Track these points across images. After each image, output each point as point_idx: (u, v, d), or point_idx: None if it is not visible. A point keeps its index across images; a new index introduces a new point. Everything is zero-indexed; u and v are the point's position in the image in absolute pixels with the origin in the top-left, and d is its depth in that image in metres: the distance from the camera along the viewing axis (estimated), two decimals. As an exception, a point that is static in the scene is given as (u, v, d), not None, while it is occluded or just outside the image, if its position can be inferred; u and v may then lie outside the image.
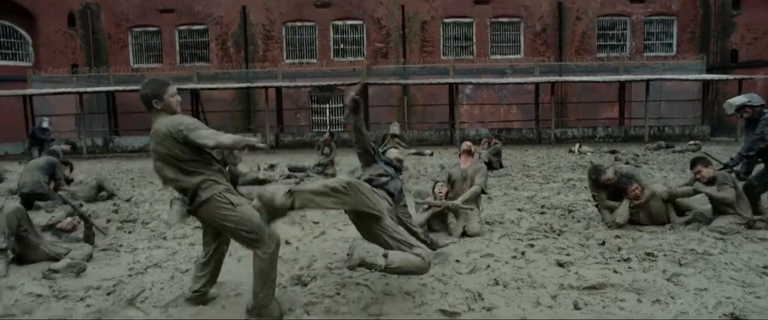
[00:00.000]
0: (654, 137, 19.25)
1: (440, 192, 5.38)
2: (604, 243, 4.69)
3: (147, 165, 13.87)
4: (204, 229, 3.39)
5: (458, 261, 4.25)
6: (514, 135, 20.90)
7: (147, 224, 6.14)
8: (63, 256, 4.29)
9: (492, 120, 22.75)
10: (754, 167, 5.51)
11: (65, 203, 5.24)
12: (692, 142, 16.01)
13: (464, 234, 5.09)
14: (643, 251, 4.37)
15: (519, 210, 6.57)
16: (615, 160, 12.33)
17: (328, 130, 21.42)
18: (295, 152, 17.59)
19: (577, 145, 15.99)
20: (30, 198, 7.14)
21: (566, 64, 22.38)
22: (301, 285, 3.72)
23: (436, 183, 5.55)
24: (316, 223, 5.94)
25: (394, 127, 11.76)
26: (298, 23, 24.19)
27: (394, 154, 4.58)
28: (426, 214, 5.28)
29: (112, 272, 4.18)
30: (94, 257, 4.59)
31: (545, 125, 20.92)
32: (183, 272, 4.13)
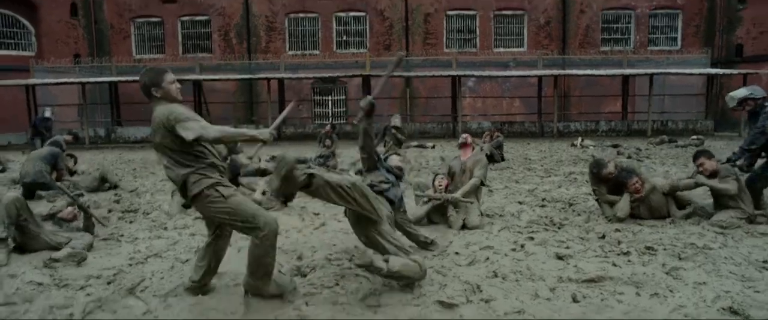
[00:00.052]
0: (657, 131, 19.14)
1: (440, 185, 5.40)
2: (604, 237, 4.68)
3: (149, 156, 13.92)
4: (205, 220, 3.41)
5: (457, 253, 4.26)
6: (517, 128, 20.85)
7: (148, 214, 6.17)
8: (64, 245, 4.32)
9: (494, 113, 22.68)
10: (756, 161, 5.48)
11: (64, 193, 5.27)
12: (695, 137, 15.94)
13: (464, 226, 5.10)
14: (642, 245, 4.37)
15: (519, 203, 6.57)
16: (617, 153, 12.30)
17: (330, 121, 21.40)
18: (296, 144, 17.59)
19: (580, 139, 15.95)
20: (32, 188, 7.18)
21: (570, 58, 22.24)
22: (301, 275, 3.74)
23: (437, 176, 5.57)
24: (317, 214, 5.97)
25: (394, 119, 11.83)
26: (301, 14, 24.09)
27: (395, 161, 4.61)
28: (426, 207, 5.29)
29: (113, 261, 4.20)
30: (95, 246, 4.62)
31: (548, 119, 20.88)
32: (183, 262, 4.15)
